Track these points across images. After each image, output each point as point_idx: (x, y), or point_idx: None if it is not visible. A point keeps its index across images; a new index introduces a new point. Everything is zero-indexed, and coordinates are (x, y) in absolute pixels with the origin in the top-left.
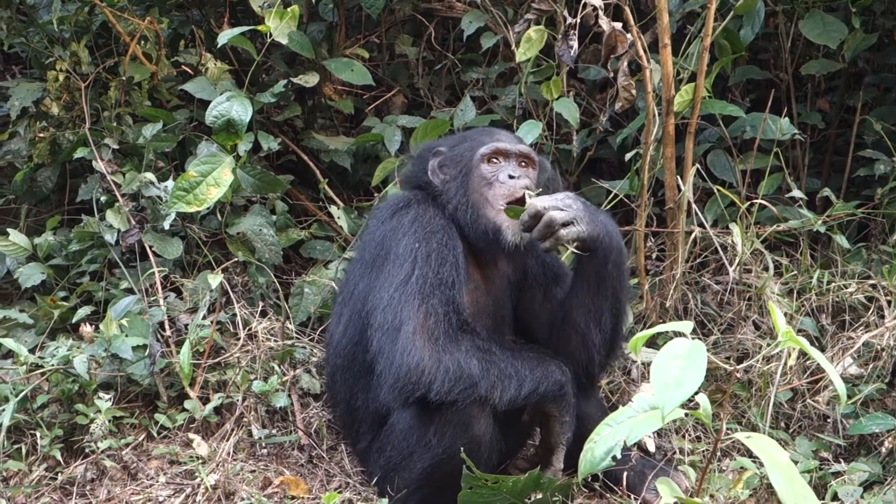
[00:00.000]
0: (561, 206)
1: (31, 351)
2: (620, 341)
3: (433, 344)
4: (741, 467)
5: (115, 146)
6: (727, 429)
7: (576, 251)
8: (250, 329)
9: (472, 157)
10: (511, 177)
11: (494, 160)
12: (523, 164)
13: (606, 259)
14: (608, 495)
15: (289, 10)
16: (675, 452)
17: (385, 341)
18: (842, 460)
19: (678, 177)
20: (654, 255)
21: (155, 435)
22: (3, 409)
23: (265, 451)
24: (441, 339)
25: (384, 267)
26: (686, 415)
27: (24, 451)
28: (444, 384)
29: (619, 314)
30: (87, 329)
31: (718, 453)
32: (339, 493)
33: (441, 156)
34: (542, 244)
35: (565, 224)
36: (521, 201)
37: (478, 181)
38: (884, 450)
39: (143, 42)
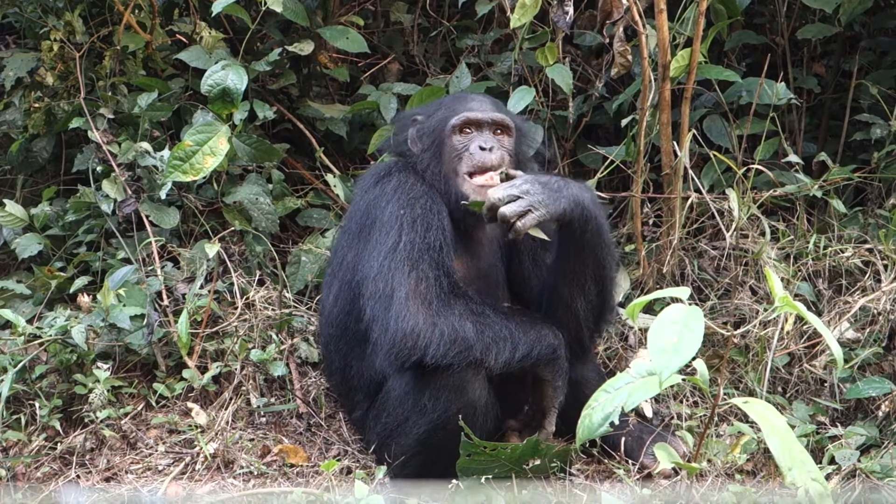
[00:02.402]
0: (517, 193)
1: (29, 321)
2: (608, 309)
3: (427, 308)
4: (738, 432)
5: (111, 116)
6: (724, 394)
7: (539, 235)
8: (248, 298)
9: (443, 128)
10: (482, 148)
11: (466, 130)
12: (498, 132)
13: (583, 229)
14: (606, 461)
15: None
16: (672, 418)
17: (378, 309)
18: (839, 424)
19: (674, 142)
20: (650, 221)
21: (154, 404)
22: (2, 380)
23: (264, 419)
24: (434, 303)
25: (371, 235)
26: (683, 380)
27: (23, 421)
28: (440, 348)
29: (603, 282)
30: (84, 299)
31: (716, 418)
32: (338, 460)
33: (417, 125)
34: (508, 235)
35: (521, 215)
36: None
37: (449, 152)
38: (880, 413)
39: (137, 11)
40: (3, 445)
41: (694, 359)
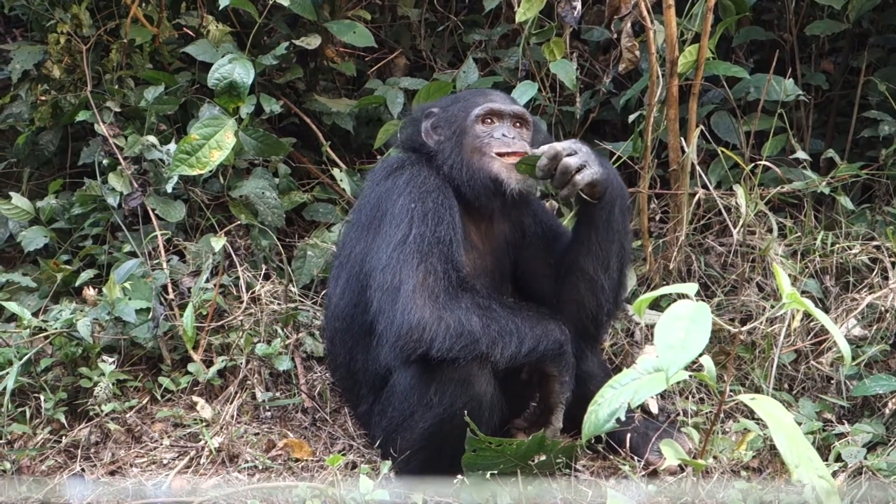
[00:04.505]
0: (574, 148)
1: (35, 314)
2: (625, 289)
3: (433, 301)
4: (745, 429)
5: (117, 109)
6: (731, 390)
7: (588, 198)
8: (253, 292)
9: (466, 118)
10: (505, 136)
11: (489, 120)
12: (517, 124)
13: (613, 203)
14: (612, 457)
15: None
16: (678, 414)
17: (385, 301)
18: (845, 422)
19: (682, 138)
20: (657, 217)
21: (159, 398)
22: (7, 373)
23: (269, 413)
24: (441, 297)
25: (381, 228)
26: (690, 376)
27: (28, 414)
28: (446, 341)
29: (624, 260)
30: (90, 292)
31: (722, 415)
32: (343, 455)
33: (434, 117)
34: (560, 192)
35: (579, 169)
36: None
37: (472, 140)
38: (887, 411)
39: (144, 4)
40: (9, 438)
41: (700, 355)
